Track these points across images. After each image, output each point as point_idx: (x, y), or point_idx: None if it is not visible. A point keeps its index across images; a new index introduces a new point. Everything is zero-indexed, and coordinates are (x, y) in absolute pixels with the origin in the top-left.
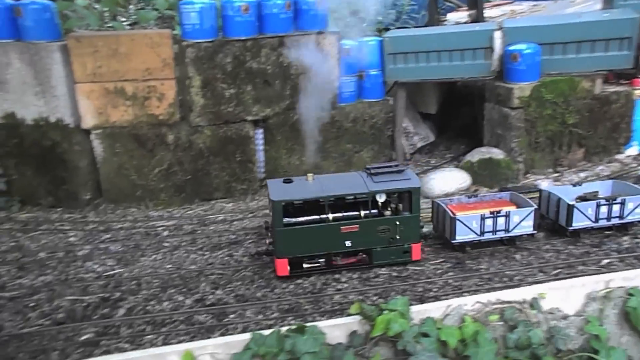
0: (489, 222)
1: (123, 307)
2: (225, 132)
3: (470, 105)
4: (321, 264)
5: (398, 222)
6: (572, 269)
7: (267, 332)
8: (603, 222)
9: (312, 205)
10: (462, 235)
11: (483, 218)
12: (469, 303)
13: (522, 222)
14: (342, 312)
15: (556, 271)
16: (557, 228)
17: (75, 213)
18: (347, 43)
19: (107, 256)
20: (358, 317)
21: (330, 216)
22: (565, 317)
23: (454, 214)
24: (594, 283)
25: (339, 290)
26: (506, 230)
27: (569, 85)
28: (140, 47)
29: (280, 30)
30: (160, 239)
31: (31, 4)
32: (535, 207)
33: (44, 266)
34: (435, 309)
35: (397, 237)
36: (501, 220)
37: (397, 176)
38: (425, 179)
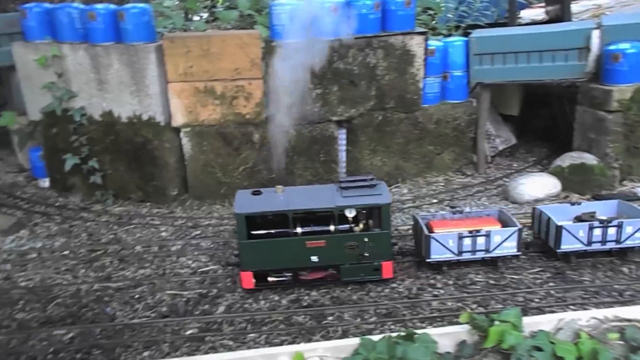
0: (467, 241)
1: (222, 304)
2: (310, 132)
3: (548, 107)
4: (287, 278)
5: (367, 239)
6: None
7: (376, 337)
8: (597, 246)
9: (281, 218)
10: (438, 255)
11: (461, 237)
12: (584, 318)
13: (505, 242)
14: (443, 319)
15: None
16: (547, 249)
17: (163, 208)
18: (433, 44)
19: (199, 252)
20: (467, 327)
21: (299, 230)
22: None
23: (430, 231)
24: None
25: (435, 296)
26: (486, 251)
27: None
28: (230, 48)
29: (369, 30)
30: None
31: (132, 8)
32: (519, 227)
33: (142, 259)
34: (546, 322)
35: (366, 255)
36: (481, 240)
37: (368, 191)
38: (513, 184)
